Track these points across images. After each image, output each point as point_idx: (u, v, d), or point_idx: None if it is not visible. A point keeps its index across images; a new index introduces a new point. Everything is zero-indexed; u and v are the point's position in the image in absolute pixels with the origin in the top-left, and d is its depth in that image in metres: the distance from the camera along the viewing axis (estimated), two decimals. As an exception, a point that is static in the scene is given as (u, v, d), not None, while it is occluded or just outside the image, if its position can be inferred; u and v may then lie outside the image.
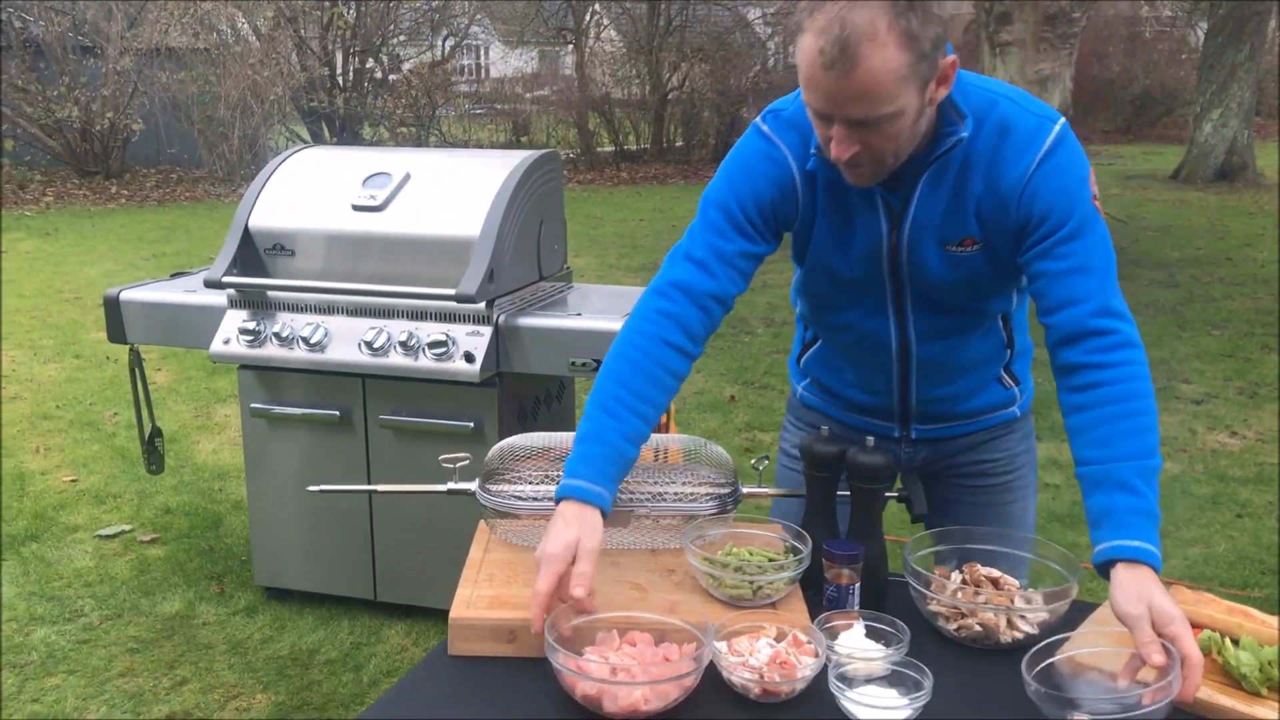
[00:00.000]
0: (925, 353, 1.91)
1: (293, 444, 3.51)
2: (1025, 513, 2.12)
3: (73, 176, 14.29)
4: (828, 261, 1.85)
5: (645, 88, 18.16)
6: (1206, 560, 4.04)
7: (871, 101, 1.54)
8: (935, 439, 2.04)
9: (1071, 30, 9.45)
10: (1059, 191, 1.69)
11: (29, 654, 3.39)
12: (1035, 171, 1.69)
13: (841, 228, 1.80)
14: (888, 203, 1.76)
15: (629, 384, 1.72)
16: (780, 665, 1.50)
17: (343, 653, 3.40)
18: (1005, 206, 1.72)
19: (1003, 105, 1.72)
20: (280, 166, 3.58)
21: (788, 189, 1.79)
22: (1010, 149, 1.70)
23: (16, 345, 6.89)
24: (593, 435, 1.69)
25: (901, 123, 1.59)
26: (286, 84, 13.97)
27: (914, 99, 1.57)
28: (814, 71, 1.54)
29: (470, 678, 1.57)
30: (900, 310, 1.87)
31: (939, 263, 1.78)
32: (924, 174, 1.72)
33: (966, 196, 1.73)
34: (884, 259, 1.80)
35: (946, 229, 1.76)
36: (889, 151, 1.63)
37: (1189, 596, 1.62)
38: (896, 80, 1.53)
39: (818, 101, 1.59)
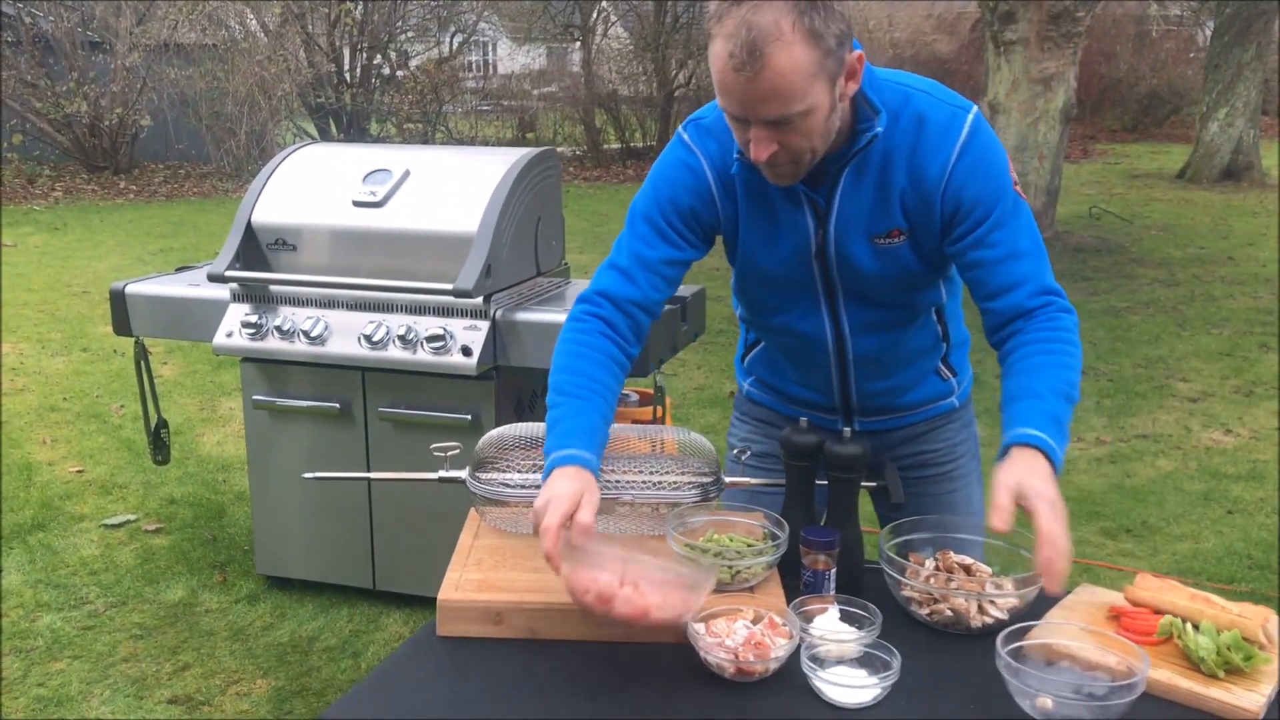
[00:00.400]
0: (861, 348, 1.96)
1: (294, 436, 3.57)
2: (969, 500, 2.17)
3: (81, 171, 14.39)
4: (757, 263, 1.90)
5: (652, 85, 18.21)
6: (1195, 555, 4.08)
7: (783, 100, 1.59)
8: (877, 431, 2.09)
9: (1076, 29, 9.48)
10: (983, 181, 1.76)
11: (35, 639, 3.46)
12: (956, 163, 1.75)
13: (768, 229, 1.85)
14: (811, 200, 1.81)
15: (586, 371, 1.80)
16: (755, 646, 1.55)
17: (341, 640, 3.46)
18: (929, 198, 1.78)
19: (917, 99, 1.77)
20: (283, 163, 3.64)
21: (705, 197, 1.85)
22: (928, 141, 1.76)
23: (25, 338, 6.96)
24: (570, 414, 1.75)
25: (814, 119, 1.64)
26: (294, 80, 14.06)
27: (824, 95, 1.62)
28: (725, 75, 1.60)
29: (457, 657, 1.63)
30: (834, 308, 1.92)
31: (867, 256, 1.83)
32: (844, 170, 1.77)
33: (891, 189, 1.79)
34: (812, 257, 1.85)
35: (873, 222, 1.81)
36: (805, 149, 1.68)
37: (1153, 584, 1.67)
38: (805, 78, 1.58)
39: (732, 105, 1.64)
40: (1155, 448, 5.22)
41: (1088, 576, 3.86)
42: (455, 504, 2.83)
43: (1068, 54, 9.50)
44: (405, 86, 15.87)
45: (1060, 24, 9.37)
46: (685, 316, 3.48)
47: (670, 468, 1.93)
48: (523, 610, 1.67)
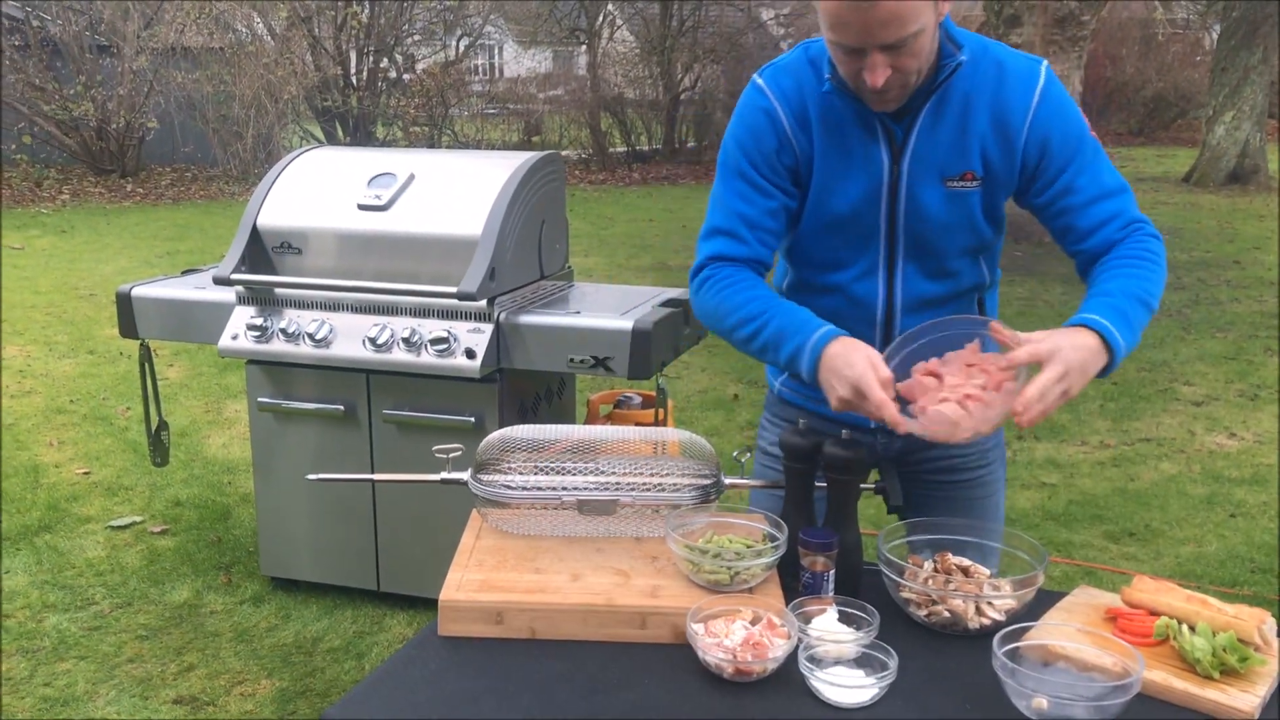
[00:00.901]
0: (907, 326, 1.95)
1: (299, 438, 3.59)
2: (997, 507, 2.18)
3: (88, 174, 14.44)
4: (827, 203, 1.91)
5: (658, 88, 18.22)
6: (1198, 559, 4.09)
7: (900, 23, 1.66)
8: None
9: (1081, 33, 9.49)
10: (1066, 126, 1.84)
11: (41, 640, 3.48)
12: (1038, 107, 1.83)
13: (842, 162, 1.88)
14: (889, 133, 1.84)
15: (745, 295, 1.88)
16: (754, 646, 1.57)
17: (345, 641, 3.48)
18: (1012, 140, 1.84)
19: (994, 47, 1.86)
20: (288, 167, 3.66)
21: (783, 137, 1.89)
22: (1010, 85, 1.83)
23: (32, 341, 6.99)
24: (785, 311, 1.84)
25: (924, 38, 1.71)
26: (300, 83, 14.09)
27: (930, 13, 1.70)
28: (842, 12, 1.67)
29: (458, 656, 1.64)
30: (890, 270, 1.93)
31: (938, 200, 1.87)
32: (926, 102, 1.82)
33: (971, 131, 1.84)
34: (883, 196, 1.88)
35: (948, 163, 1.85)
36: (914, 70, 1.75)
37: (1150, 586, 1.68)
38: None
39: (849, 36, 1.70)
40: (1159, 451, 5.23)
41: (1090, 579, 3.87)
42: (459, 506, 2.85)
43: (1073, 57, 9.51)
44: (411, 90, 15.90)
45: (1065, 27, 9.38)
46: (688, 319, 3.50)
47: (671, 469, 1.94)
48: (524, 610, 1.68)
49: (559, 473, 1.93)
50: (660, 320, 3.26)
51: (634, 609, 1.68)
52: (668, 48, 17.91)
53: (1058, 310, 8.01)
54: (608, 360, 3.23)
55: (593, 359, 3.24)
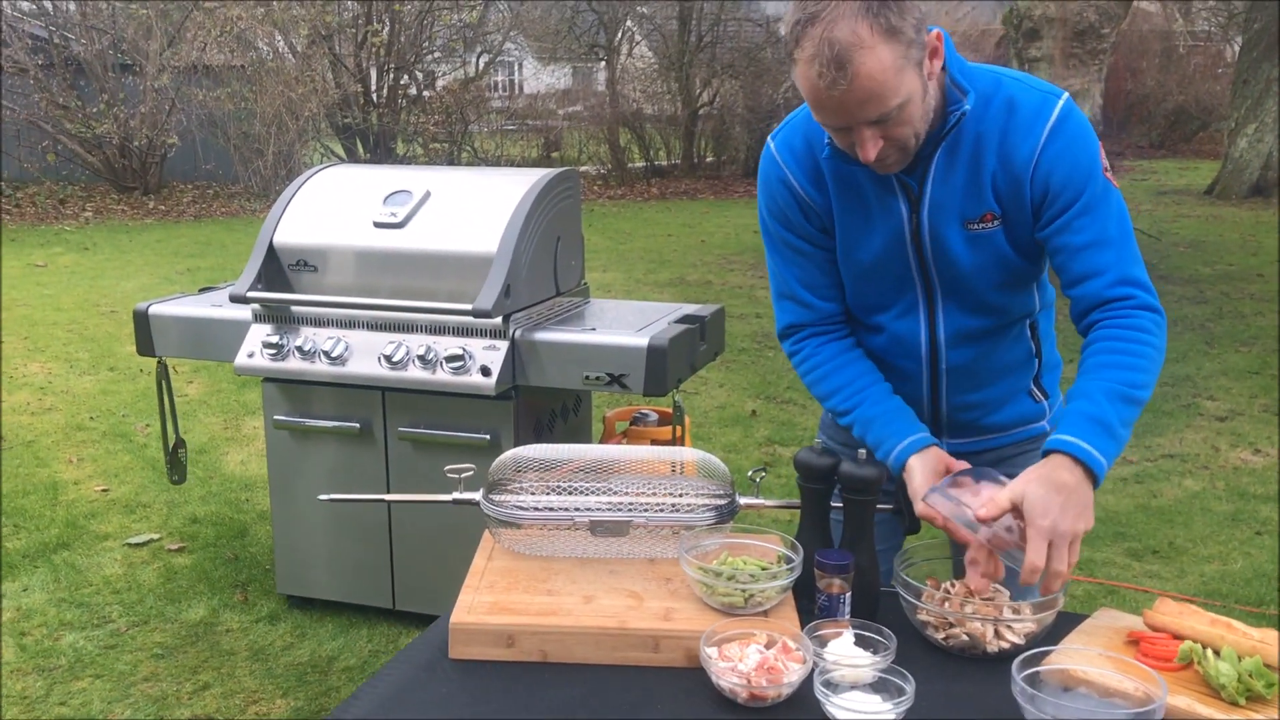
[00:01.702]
0: (954, 358, 1.95)
1: (315, 455, 3.59)
2: None
3: (111, 192, 14.55)
4: (854, 254, 1.91)
5: (676, 103, 18.26)
6: (1223, 577, 4.03)
7: (879, 101, 1.63)
8: (966, 453, 2.05)
9: (1101, 46, 9.44)
10: (1071, 165, 1.77)
11: (58, 658, 3.48)
12: (1044, 146, 1.77)
13: (861, 217, 1.87)
14: (904, 185, 1.82)
15: (839, 380, 1.96)
16: (768, 671, 1.54)
17: (361, 660, 3.46)
18: (1019, 181, 1.80)
19: (1007, 84, 1.80)
20: (304, 185, 3.67)
21: (802, 201, 1.90)
22: (1018, 124, 1.78)
23: (54, 358, 7.03)
24: (872, 404, 1.92)
25: (912, 107, 1.67)
26: (321, 101, 14.17)
27: (915, 82, 1.66)
28: (818, 94, 1.64)
29: (468, 680, 1.62)
30: (931, 310, 1.92)
31: (961, 242, 1.84)
32: (936, 152, 1.79)
33: (983, 173, 1.81)
34: (907, 244, 1.86)
35: (966, 206, 1.82)
36: (909, 136, 1.71)
37: (1173, 609, 1.65)
38: (895, 73, 1.61)
39: (831, 119, 1.68)
40: (1182, 467, 5.17)
41: (1113, 599, 3.82)
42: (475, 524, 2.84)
43: (1093, 71, 9.46)
44: (431, 107, 15.97)
45: (1085, 41, 9.33)
46: (704, 336, 3.48)
47: (685, 489, 1.92)
48: (535, 633, 1.66)
49: (571, 493, 1.91)
50: (676, 337, 3.24)
51: (647, 632, 1.65)
52: (686, 63, 17.95)
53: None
54: (623, 377, 3.22)
55: (608, 376, 3.23)
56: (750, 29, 19.15)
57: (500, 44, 18.85)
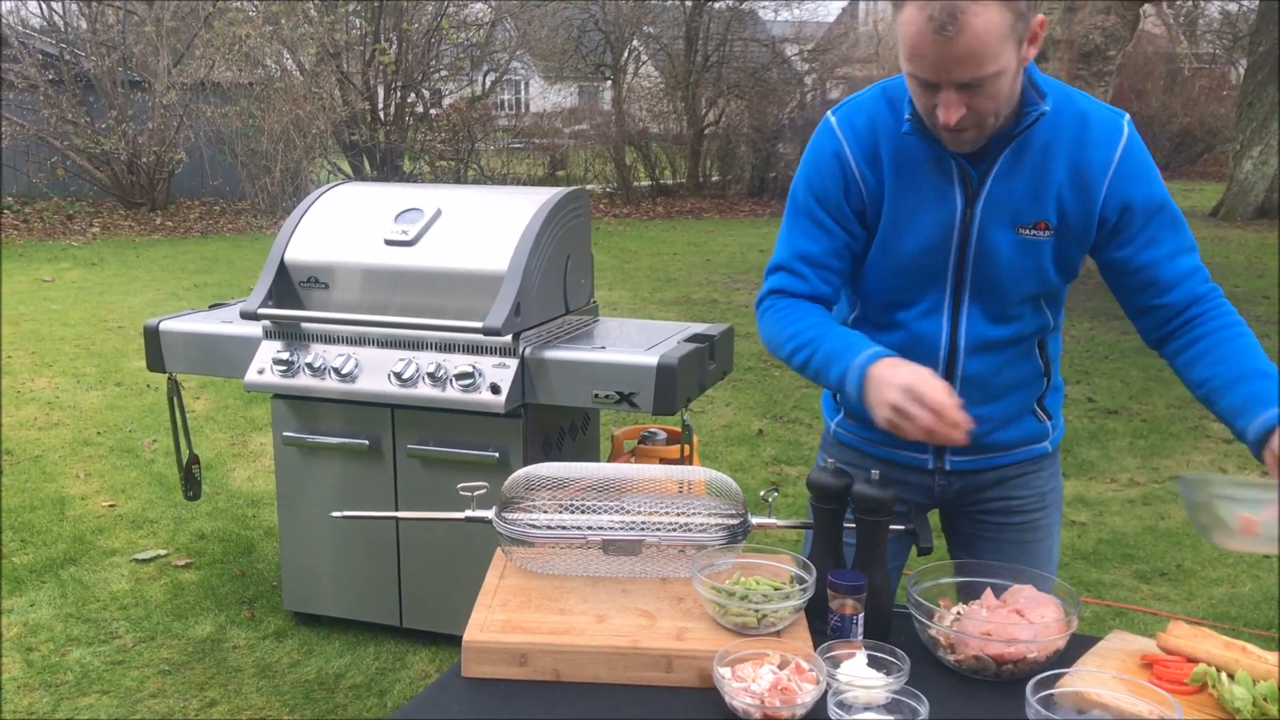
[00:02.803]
0: (971, 367, 1.95)
1: (324, 472, 3.59)
2: (1050, 551, 2.14)
3: (119, 208, 14.61)
4: (896, 242, 1.90)
5: (682, 123, 18.33)
6: (1232, 600, 4.02)
7: (978, 62, 1.63)
8: (968, 471, 2.06)
9: (1107, 68, 9.46)
10: (1150, 182, 1.83)
11: (65, 674, 3.48)
12: (1120, 162, 1.81)
13: (914, 202, 1.87)
14: (965, 176, 1.83)
15: (801, 323, 1.91)
16: (781, 691, 1.54)
17: (368, 678, 3.46)
18: (1090, 194, 1.82)
19: (1078, 99, 1.84)
20: (316, 202, 3.68)
21: (850, 178, 1.89)
22: (1093, 138, 1.81)
23: (61, 373, 7.05)
24: (834, 334, 1.86)
25: (1003, 81, 1.68)
26: (328, 118, 14.23)
27: (1012, 58, 1.67)
28: (921, 39, 1.64)
29: (480, 699, 1.62)
30: (955, 310, 1.92)
31: (1008, 245, 1.85)
32: (1006, 148, 1.80)
33: (1048, 181, 1.82)
34: (954, 237, 1.86)
35: (1023, 210, 1.84)
36: (991, 112, 1.72)
37: (1187, 631, 1.65)
38: (1000, 39, 1.63)
39: (925, 69, 1.68)
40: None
41: (1121, 621, 3.81)
42: (483, 542, 2.84)
43: (1099, 92, 9.48)
44: (438, 124, 16.04)
45: (1091, 63, 9.36)
46: (713, 355, 3.48)
47: (697, 509, 1.93)
48: (548, 652, 1.66)
49: (584, 511, 1.91)
50: (685, 356, 3.25)
51: (660, 652, 1.66)
52: (692, 83, 18.03)
53: (1084, 345, 7.95)
54: (632, 396, 3.22)
55: (617, 394, 3.23)
56: (756, 49, 19.23)
57: (507, 63, 18.95)
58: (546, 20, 18.19)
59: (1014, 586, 1.78)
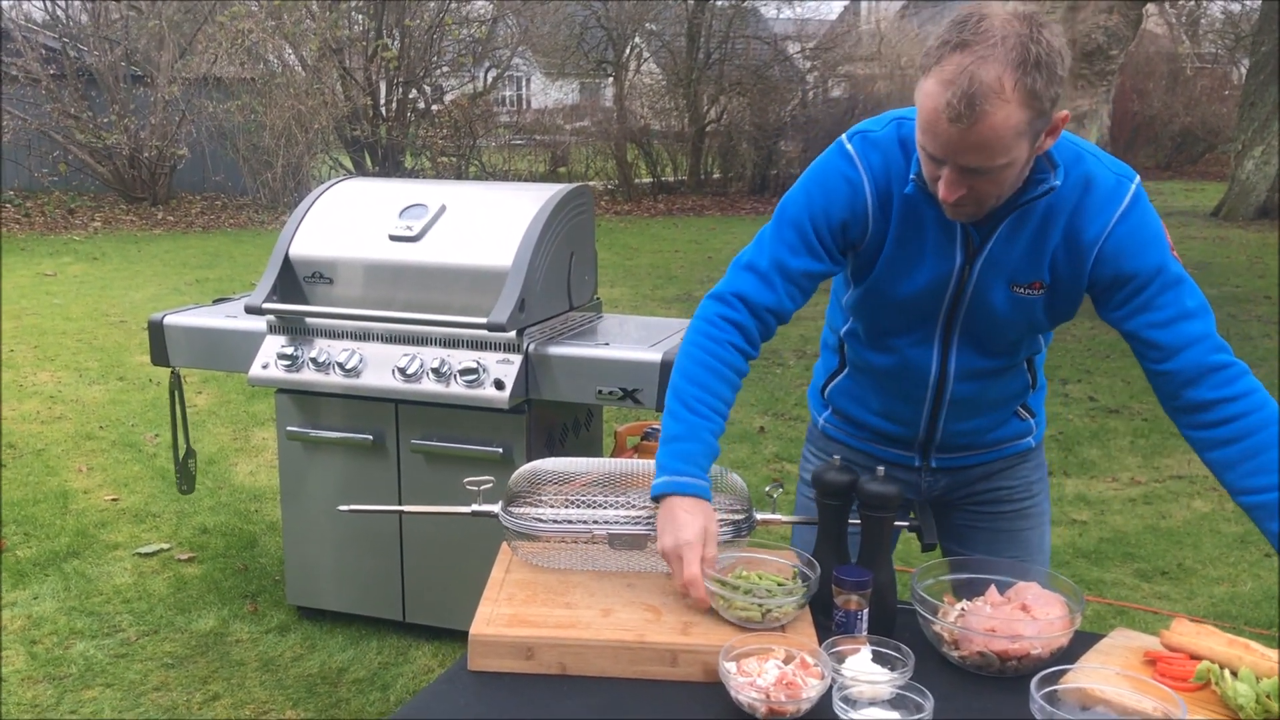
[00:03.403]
0: (960, 391, 1.97)
1: (327, 467, 3.60)
2: (1042, 539, 2.17)
3: (120, 202, 14.60)
4: (891, 287, 1.90)
5: (684, 120, 18.32)
6: (1232, 599, 4.03)
7: (988, 154, 1.61)
8: (954, 468, 2.09)
9: (1109, 68, 9.46)
10: (1144, 247, 1.77)
11: (68, 667, 3.48)
12: (1114, 228, 1.77)
13: (913, 255, 1.86)
14: (968, 237, 1.82)
15: (707, 385, 1.85)
16: (786, 686, 1.55)
17: (371, 672, 3.47)
18: (1081, 259, 1.80)
19: (1087, 160, 1.79)
20: (320, 197, 3.69)
21: (860, 213, 1.85)
22: (1092, 204, 1.78)
23: (63, 367, 7.05)
24: (688, 434, 1.82)
25: (1011, 171, 1.66)
26: (330, 114, 14.22)
27: (1025, 151, 1.65)
28: (937, 120, 1.61)
29: (488, 693, 1.63)
30: (946, 344, 1.93)
31: (1003, 301, 1.85)
32: (1010, 215, 1.79)
33: (1045, 244, 1.81)
34: (949, 291, 1.87)
35: (1019, 271, 1.83)
36: (992, 196, 1.71)
37: (1190, 629, 1.65)
38: (1015, 135, 1.60)
39: (935, 148, 1.66)
40: (1190, 489, 5.17)
41: (1122, 619, 3.81)
42: (486, 537, 2.85)
43: (1101, 92, 9.49)
44: (440, 120, 16.03)
45: (1093, 62, 9.36)
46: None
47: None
48: (554, 646, 1.67)
49: (589, 506, 1.92)
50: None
51: (665, 646, 1.66)
52: (694, 80, 18.02)
53: (1085, 344, 7.95)
54: (636, 392, 3.23)
55: (621, 390, 3.24)
56: (759, 47, 19.22)
57: (508, 59, 18.93)
58: (548, 16, 18.18)
59: (1019, 584, 1.79)
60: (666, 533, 1.73)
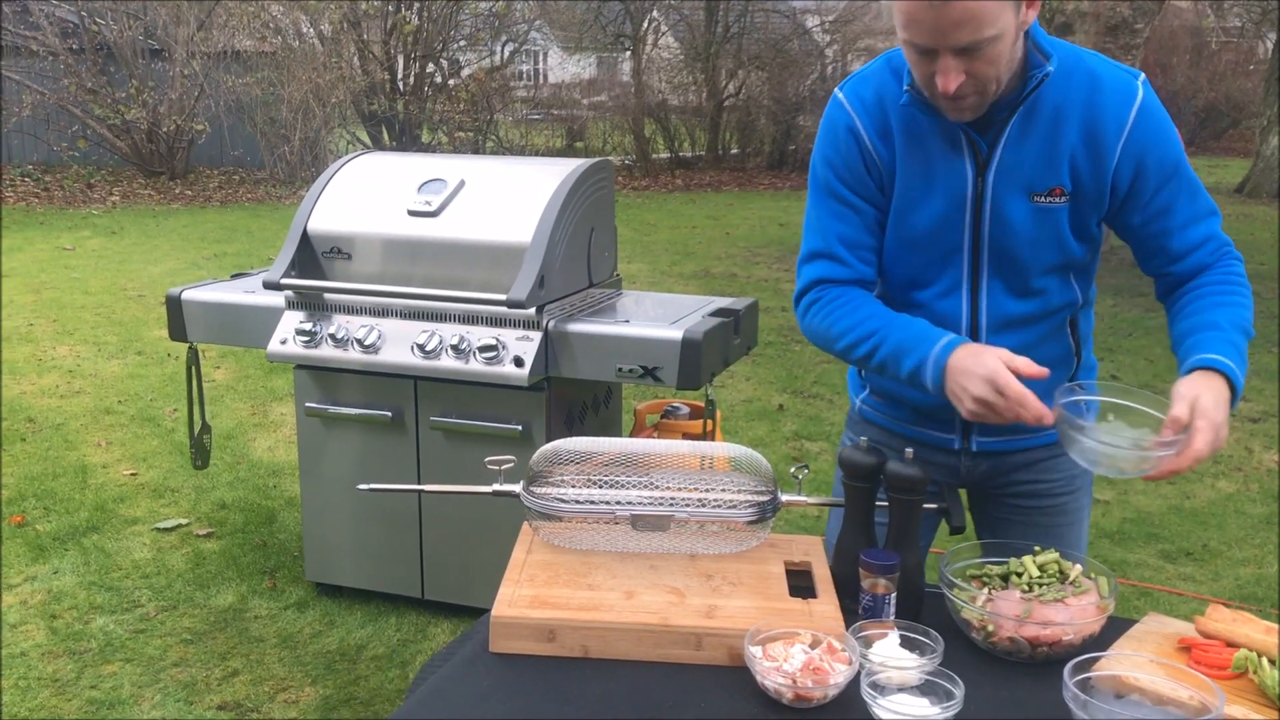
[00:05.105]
0: (993, 345, 1.90)
1: (346, 443, 3.58)
2: (1079, 538, 2.11)
3: (138, 176, 14.61)
4: (908, 217, 1.86)
5: (702, 94, 18.20)
6: (1258, 580, 3.99)
7: (974, 25, 1.60)
8: (995, 452, 2.03)
9: (1134, 41, 9.34)
10: (1165, 146, 1.78)
11: (88, 641, 3.49)
12: (1134, 124, 1.76)
13: (923, 176, 1.83)
14: (974, 145, 1.79)
15: (873, 310, 1.87)
16: (814, 671, 1.52)
17: (389, 649, 3.46)
18: (1104, 157, 1.77)
19: (1088, 57, 1.78)
20: (339, 172, 3.66)
21: (866, 151, 1.85)
22: (1105, 100, 1.76)
23: (82, 341, 7.06)
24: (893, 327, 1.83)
25: (1002, 45, 1.64)
26: (348, 88, 14.18)
27: (1010, 20, 1.63)
28: (914, 8, 1.61)
29: (509, 674, 1.61)
30: (975, 288, 1.88)
31: (1024, 214, 1.81)
32: (1013, 115, 1.76)
33: (1060, 145, 1.77)
34: (967, 210, 1.83)
35: (1036, 177, 1.79)
36: (992, 78, 1.68)
37: (1226, 615, 1.62)
38: (995, 2, 1.59)
39: (920, 35, 1.64)
40: (1215, 469, 5.11)
41: (1146, 601, 3.78)
42: (505, 515, 2.84)
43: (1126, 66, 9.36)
44: (457, 95, 15.97)
45: (1118, 36, 9.23)
46: (738, 329, 3.45)
47: (727, 485, 1.90)
48: (577, 628, 1.65)
49: (612, 486, 1.89)
50: (710, 330, 3.22)
51: (689, 629, 1.64)
52: (712, 54, 17.89)
53: (1108, 322, 7.88)
54: (656, 370, 3.20)
55: (641, 368, 3.21)
56: (778, 20, 19.06)
57: (526, 33, 18.83)
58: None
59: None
60: (968, 385, 1.69)
